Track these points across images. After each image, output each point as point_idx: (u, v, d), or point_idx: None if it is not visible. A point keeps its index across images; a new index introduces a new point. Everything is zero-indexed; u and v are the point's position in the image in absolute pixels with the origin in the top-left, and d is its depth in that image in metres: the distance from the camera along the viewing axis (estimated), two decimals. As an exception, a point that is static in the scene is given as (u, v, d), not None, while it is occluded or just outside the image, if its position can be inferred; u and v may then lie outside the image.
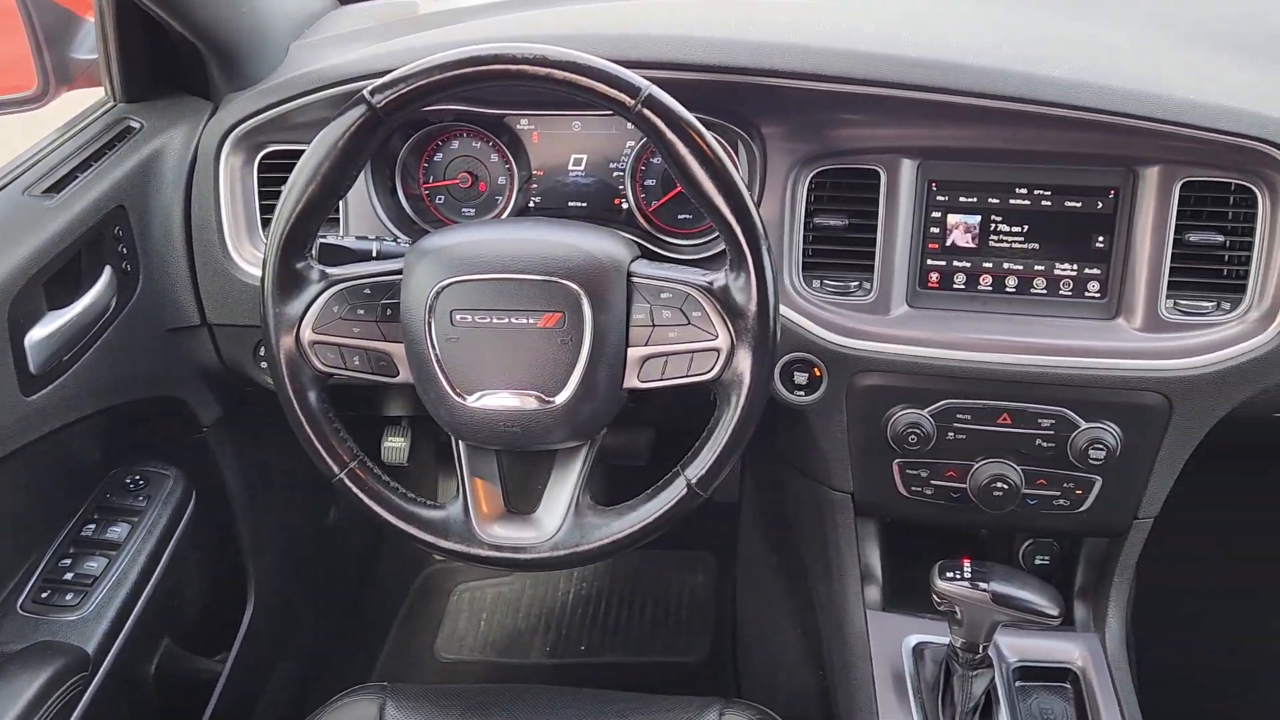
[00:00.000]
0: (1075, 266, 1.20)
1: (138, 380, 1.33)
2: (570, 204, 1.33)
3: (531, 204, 1.34)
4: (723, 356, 0.99)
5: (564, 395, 0.99)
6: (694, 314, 0.99)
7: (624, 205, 1.32)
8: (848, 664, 1.31)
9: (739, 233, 0.95)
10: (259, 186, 1.32)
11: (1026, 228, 1.20)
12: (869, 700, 1.24)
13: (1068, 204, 1.18)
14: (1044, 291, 1.21)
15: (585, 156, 1.32)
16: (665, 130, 0.93)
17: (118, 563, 1.28)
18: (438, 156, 1.34)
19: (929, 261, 1.22)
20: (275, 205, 1.00)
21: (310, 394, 1.04)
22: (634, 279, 1.01)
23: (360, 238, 1.14)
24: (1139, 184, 1.15)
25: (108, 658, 1.22)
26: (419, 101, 0.95)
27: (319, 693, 1.38)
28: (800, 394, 1.24)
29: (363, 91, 0.95)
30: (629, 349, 1.01)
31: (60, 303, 1.17)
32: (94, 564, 1.27)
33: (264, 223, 1.33)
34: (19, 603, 1.24)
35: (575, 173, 1.32)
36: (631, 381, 1.02)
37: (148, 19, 1.27)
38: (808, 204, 1.22)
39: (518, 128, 1.32)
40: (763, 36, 1.18)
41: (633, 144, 1.30)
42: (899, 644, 1.28)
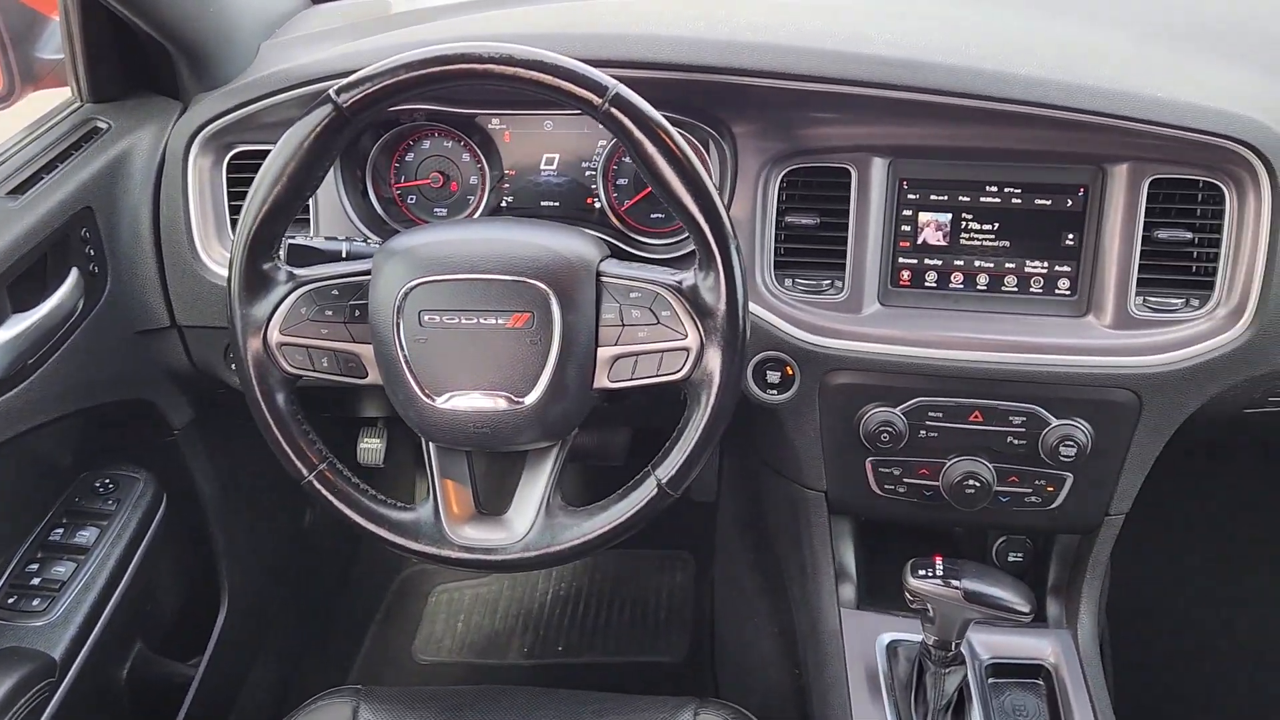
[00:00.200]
0: (1045, 264, 1.20)
1: (107, 383, 1.32)
2: (543, 203, 1.33)
3: (504, 204, 1.34)
4: (692, 356, 0.99)
5: (533, 396, 0.99)
6: (663, 313, 0.99)
7: (596, 204, 1.32)
8: (821, 663, 1.31)
9: (707, 232, 0.95)
10: (228, 187, 1.31)
11: (997, 225, 1.20)
12: (842, 699, 1.24)
13: (1038, 202, 1.19)
14: (1015, 289, 1.21)
15: (557, 156, 1.31)
16: (633, 129, 0.93)
17: (86, 567, 1.27)
18: (409, 156, 1.34)
19: (900, 260, 1.22)
20: None
21: (279, 396, 1.03)
22: (603, 278, 1.00)
23: (330, 238, 1.13)
24: (1108, 181, 1.16)
25: (75, 663, 1.21)
26: (385, 101, 0.95)
27: (295, 696, 1.37)
28: (773, 393, 1.24)
29: (328, 91, 0.94)
30: (598, 349, 1.01)
31: (25, 305, 1.16)
32: (62, 569, 1.26)
33: (234, 224, 1.31)
34: None
35: (547, 172, 1.32)
36: (601, 381, 1.01)
37: (115, 18, 1.26)
38: (779, 203, 1.22)
39: (489, 127, 1.31)
40: (732, 35, 1.18)
41: (605, 143, 1.30)
42: (873, 642, 1.29)
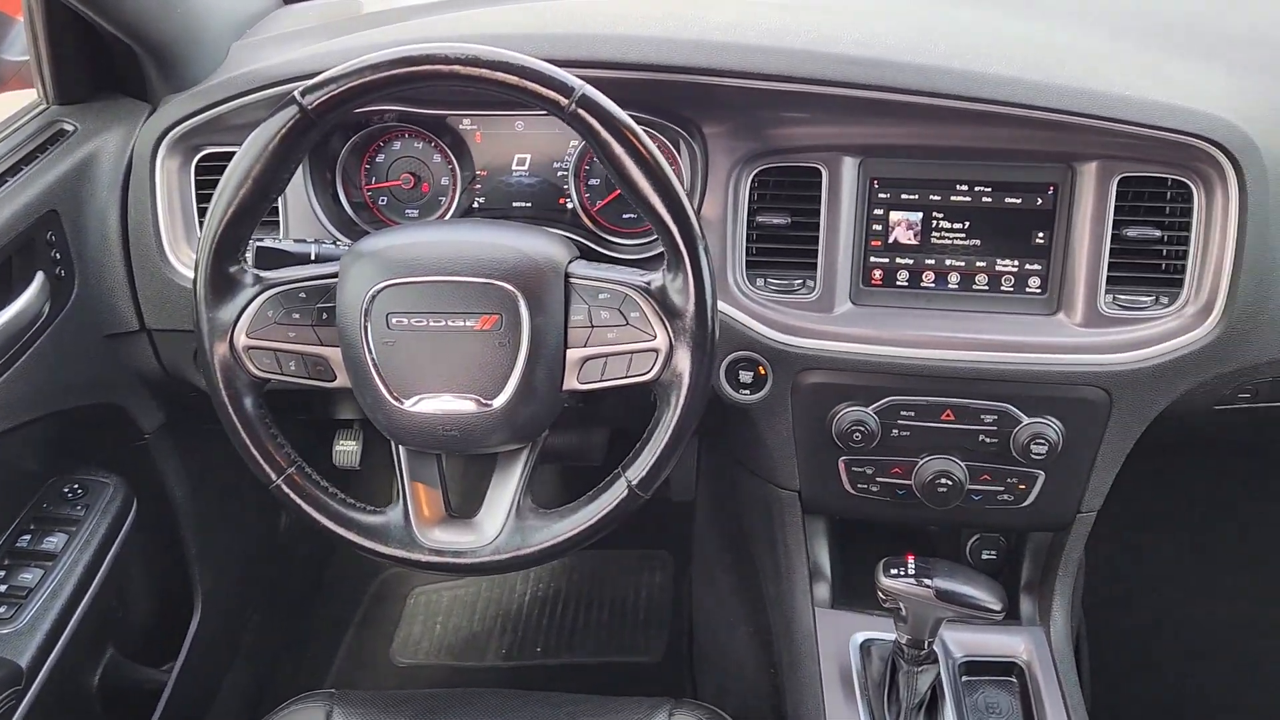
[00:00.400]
0: (1016, 263, 1.20)
1: (75, 387, 1.30)
2: (514, 204, 1.32)
3: (475, 205, 1.33)
4: (661, 357, 0.99)
5: (503, 398, 0.99)
6: (632, 314, 0.99)
7: (568, 205, 1.31)
8: (796, 662, 1.31)
9: (675, 233, 0.95)
10: (196, 189, 1.30)
11: (968, 224, 1.20)
12: (816, 698, 1.24)
13: (1008, 200, 1.19)
14: (986, 288, 1.21)
15: (529, 156, 1.31)
16: (600, 130, 0.93)
17: (54, 574, 1.26)
18: (379, 158, 1.33)
19: (872, 259, 1.22)
20: None
21: (246, 400, 1.03)
22: (571, 280, 1.00)
23: (299, 241, 1.13)
24: (1077, 180, 1.16)
25: (43, 670, 1.19)
26: (351, 102, 0.94)
27: (270, 701, 1.36)
28: (745, 393, 1.24)
29: (293, 93, 0.94)
30: (568, 350, 1.00)
31: None
32: (29, 575, 1.24)
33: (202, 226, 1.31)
34: None
35: (519, 173, 1.31)
36: (571, 383, 1.01)
37: (82, 19, 1.25)
38: (750, 203, 1.21)
39: (460, 128, 1.31)
40: (701, 35, 1.18)
41: (576, 144, 1.29)
42: (847, 641, 1.29)
